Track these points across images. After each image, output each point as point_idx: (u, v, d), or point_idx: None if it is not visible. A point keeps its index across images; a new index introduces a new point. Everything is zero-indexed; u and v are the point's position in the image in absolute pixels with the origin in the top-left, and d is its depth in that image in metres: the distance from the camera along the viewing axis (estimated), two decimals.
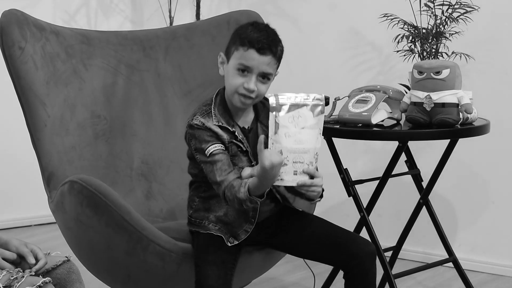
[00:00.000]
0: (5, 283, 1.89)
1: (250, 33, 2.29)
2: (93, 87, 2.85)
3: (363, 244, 2.37)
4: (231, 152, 2.35)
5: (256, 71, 2.29)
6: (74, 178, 2.48)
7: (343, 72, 3.89)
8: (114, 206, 2.38)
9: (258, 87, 2.30)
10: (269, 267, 2.73)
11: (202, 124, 2.32)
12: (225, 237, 2.38)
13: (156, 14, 4.42)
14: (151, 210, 2.88)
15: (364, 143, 3.82)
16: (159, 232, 2.40)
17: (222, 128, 2.33)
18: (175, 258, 2.40)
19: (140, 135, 2.94)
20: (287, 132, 2.22)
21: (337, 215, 3.80)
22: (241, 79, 2.29)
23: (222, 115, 2.35)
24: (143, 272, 2.45)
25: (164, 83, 3.01)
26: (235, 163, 2.35)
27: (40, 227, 4.41)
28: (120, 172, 2.87)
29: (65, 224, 2.60)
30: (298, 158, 2.22)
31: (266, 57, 2.28)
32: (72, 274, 2.04)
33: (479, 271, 3.60)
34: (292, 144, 2.21)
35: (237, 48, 2.30)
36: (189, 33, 3.06)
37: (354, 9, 3.85)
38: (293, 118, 2.23)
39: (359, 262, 2.33)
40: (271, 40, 2.30)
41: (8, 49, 2.64)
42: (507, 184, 3.55)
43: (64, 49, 2.80)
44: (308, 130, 2.23)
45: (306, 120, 2.23)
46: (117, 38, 2.98)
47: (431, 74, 2.74)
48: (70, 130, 2.76)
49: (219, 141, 2.32)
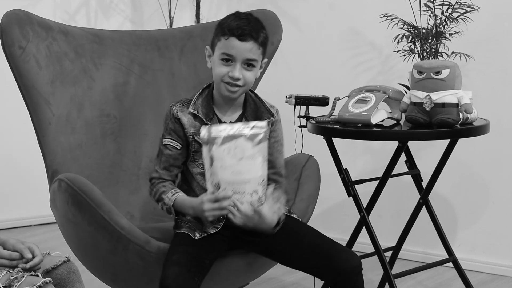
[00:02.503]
0: (5, 283, 1.89)
1: (230, 22, 2.31)
2: (104, 86, 2.86)
3: (349, 257, 2.32)
4: (193, 147, 2.38)
5: (240, 59, 2.29)
6: (61, 176, 2.50)
7: (343, 72, 3.89)
8: (95, 205, 2.39)
9: (244, 75, 2.31)
10: (261, 272, 2.69)
11: (175, 114, 2.37)
12: (192, 233, 2.35)
13: (156, 14, 4.42)
14: (157, 209, 2.87)
15: (364, 143, 3.82)
16: (138, 232, 2.40)
17: (195, 117, 2.36)
18: (155, 258, 2.38)
19: (151, 134, 2.94)
20: (223, 165, 2.18)
21: (337, 215, 3.80)
22: (226, 68, 2.31)
23: (203, 106, 2.37)
24: (127, 271, 2.46)
25: (178, 83, 3.01)
26: (196, 159, 2.38)
27: (40, 227, 4.41)
28: (127, 171, 2.88)
29: (59, 221, 2.63)
30: (238, 189, 2.20)
31: (247, 43, 2.29)
32: (72, 274, 2.04)
33: (479, 271, 3.60)
34: (230, 176, 2.19)
35: (219, 39, 2.31)
36: (205, 33, 3.06)
37: (354, 9, 3.85)
38: (229, 150, 2.18)
39: (345, 278, 2.30)
40: (252, 26, 2.30)
41: (8, 48, 2.65)
42: (507, 184, 3.55)
43: (73, 49, 2.81)
44: (247, 161, 2.19)
45: (244, 150, 2.19)
46: (131, 38, 2.99)
47: (431, 74, 2.74)
48: (76, 128, 2.77)
49: (180, 139, 2.38)
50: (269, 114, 2.43)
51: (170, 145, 2.39)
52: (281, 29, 3.03)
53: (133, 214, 2.85)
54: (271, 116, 2.43)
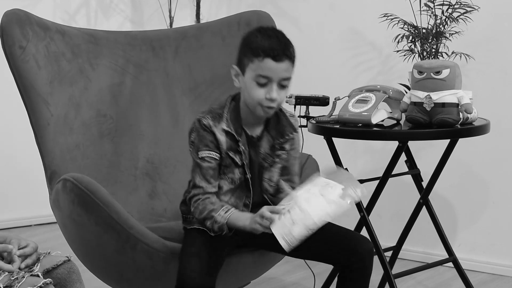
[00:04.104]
0: (6, 283, 1.89)
1: (260, 41, 2.23)
2: (100, 86, 2.86)
3: (362, 241, 2.36)
4: (225, 163, 2.33)
5: (276, 79, 2.23)
6: (66, 176, 2.49)
7: (343, 72, 3.89)
8: (103, 205, 2.39)
9: (280, 95, 2.26)
10: (266, 269, 2.71)
11: (209, 126, 2.30)
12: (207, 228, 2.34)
13: (156, 14, 4.42)
14: (155, 210, 2.89)
15: (364, 143, 3.82)
16: (147, 231, 2.40)
17: (228, 134, 2.31)
18: (163, 258, 2.39)
19: (147, 134, 2.94)
20: (307, 198, 2.23)
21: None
22: (262, 90, 2.24)
23: (232, 121, 2.31)
24: (133, 270, 2.46)
25: (173, 83, 3.02)
26: (226, 173, 2.34)
27: (40, 227, 4.41)
28: (124, 171, 2.88)
29: (61, 221, 2.62)
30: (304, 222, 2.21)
31: (283, 63, 2.23)
32: (72, 274, 2.04)
33: (479, 271, 3.60)
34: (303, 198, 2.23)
35: (252, 60, 2.23)
36: (199, 33, 3.06)
37: (354, 9, 3.85)
38: (325, 185, 2.25)
39: (359, 259, 2.32)
40: (283, 44, 2.24)
41: (8, 48, 2.66)
42: (507, 184, 3.55)
43: (70, 49, 2.81)
44: (323, 200, 2.23)
45: (333, 192, 2.24)
46: (126, 38, 2.99)
47: (431, 74, 2.74)
48: (74, 129, 2.77)
49: (217, 149, 2.30)
50: (291, 129, 2.39)
51: (209, 157, 2.30)
52: None
53: (132, 214, 2.83)
54: (293, 131, 2.39)
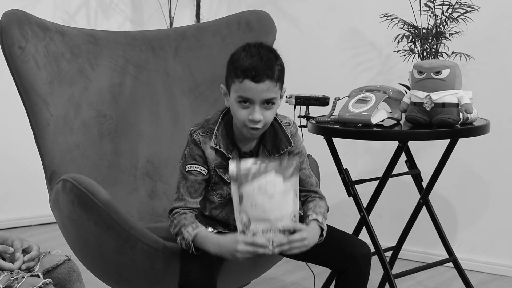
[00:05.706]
0: (6, 283, 1.89)
1: (242, 61, 2.17)
2: (100, 86, 2.86)
3: (359, 245, 2.33)
4: (213, 180, 2.31)
5: (258, 100, 2.17)
6: (66, 177, 2.49)
7: (343, 72, 3.89)
8: (103, 205, 2.38)
9: (264, 115, 2.19)
10: (266, 269, 2.71)
11: (199, 142, 2.28)
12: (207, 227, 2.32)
13: (156, 14, 4.42)
14: (155, 210, 2.89)
15: (364, 143, 3.82)
16: (147, 232, 2.40)
17: (217, 151, 2.28)
18: (162, 258, 2.39)
19: (147, 134, 2.94)
20: (253, 202, 2.08)
21: (337, 215, 3.80)
22: (245, 111, 2.19)
23: (223, 138, 2.28)
24: (133, 271, 2.45)
25: (173, 83, 3.01)
26: (215, 190, 2.33)
27: (40, 227, 4.41)
28: (124, 171, 2.88)
29: (61, 222, 2.62)
30: (269, 227, 2.11)
31: (263, 83, 2.16)
32: (72, 274, 2.04)
33: (479, 271, 3.60)
34: (261, 214, 2.09)
35: (233, 80, 2.19)
36: (199, 33, 3.06)
37: (354, 9, 3.85)
38: (260, 187, 2.08)
39: (354, 263, 2.30)
40: (264, 64, 2.16)
41: (8, 48, 2.66)
42: (507, 184, 3.55)
43: (69, 49, 2.81)
44: (279, 197, 2.10)
45: (275, 185, 2.09)
46: (126, 38, 2.99)
47: (431, 74, 2.73)
48: (74, 129, 2.77)
49: (205, 165, 2.28)
50: (287, 142, 2.33)
51: (195, 171, 2.28)
52: (275, 29, 3.03)
53: (131, 214, 2.85)
54: (288, 145, 2.33)
